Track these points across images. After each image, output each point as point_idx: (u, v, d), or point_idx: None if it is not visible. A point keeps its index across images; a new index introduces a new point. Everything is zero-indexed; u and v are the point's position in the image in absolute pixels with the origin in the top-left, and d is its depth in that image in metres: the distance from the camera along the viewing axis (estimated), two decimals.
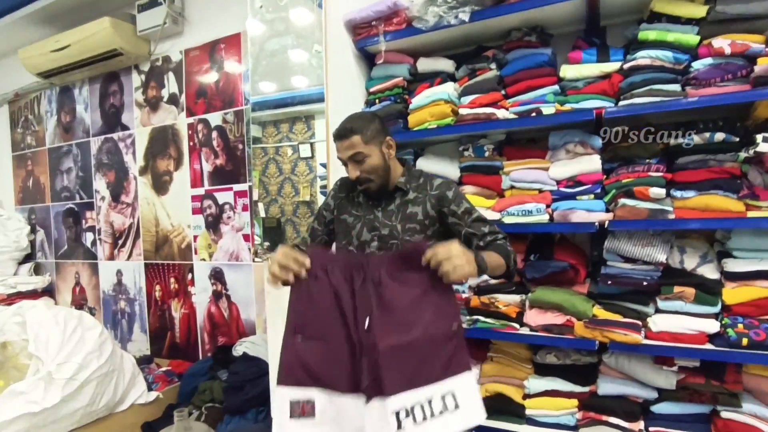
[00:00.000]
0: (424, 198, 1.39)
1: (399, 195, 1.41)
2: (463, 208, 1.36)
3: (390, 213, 1.40)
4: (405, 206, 1.39)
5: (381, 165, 1.36)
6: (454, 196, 1.38)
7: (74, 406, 2.06)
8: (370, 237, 1.41)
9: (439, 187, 1.40)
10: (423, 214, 1.38)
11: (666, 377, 1.60)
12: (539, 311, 1.76)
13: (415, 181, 1.43)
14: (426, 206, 1.38)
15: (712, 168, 1.54)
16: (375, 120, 1.38)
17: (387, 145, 1.38)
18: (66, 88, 3.70)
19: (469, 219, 1.35)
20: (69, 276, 3.82)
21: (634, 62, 1.61)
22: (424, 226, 1.38)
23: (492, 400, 1.84)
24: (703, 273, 1.58)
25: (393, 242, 1.38)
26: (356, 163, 1.34)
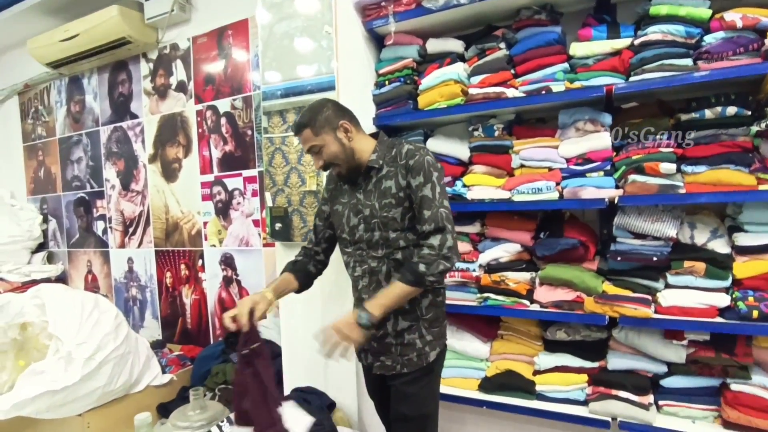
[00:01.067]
0: (396, 170, 1.35)
1: (374, 172, 1.39)
2: (417, 181, 1.31)
3: (369, 193, 1.39)
4: (380, 182, 1.38)
5: (340, 150, 1.36)
6: (414, 165, 1.32)
7: (93, 385, 2.10)
8: (356, 221, 1.42)
9: (406, 155, 1.35)
10: (396, 187, 1.34)
11: (676, 351, 1.62)
12: (549, 288, 1.78)
13: (388, 154, 1.39)
14: (398, 178, 1.34)
15: (723, 142, 1.54)
16: (324, 108, 1.38)
17: (342, 130, 1.37)
18: (75, 78, 3.72)
19: (417, 195, 1.31)
20: (81, 264, 3.87)
21: (645, 37, 1.61)
22: (400, 199, 1.34)
23: (502, 376, 1.87)
24: (713, 248, 1.59)
25: (374, 221, 1.37)
26: (315, 154, 1.38)
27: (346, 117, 1.40)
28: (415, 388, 1.41)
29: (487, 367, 1.93)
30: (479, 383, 1.92)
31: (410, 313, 1.40)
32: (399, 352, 1.41)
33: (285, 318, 2.17)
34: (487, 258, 1.90)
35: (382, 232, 1.38)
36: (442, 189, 1.33)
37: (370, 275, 1.42)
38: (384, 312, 1.27)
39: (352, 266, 1.47)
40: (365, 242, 1.41)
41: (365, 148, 1.41)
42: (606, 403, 1.67)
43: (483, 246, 1.93)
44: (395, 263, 1.38)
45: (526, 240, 1.84)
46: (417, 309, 1.40)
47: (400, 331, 1.41)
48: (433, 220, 1.28)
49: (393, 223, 1.36)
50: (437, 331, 1.45)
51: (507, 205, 1.83)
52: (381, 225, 1.37)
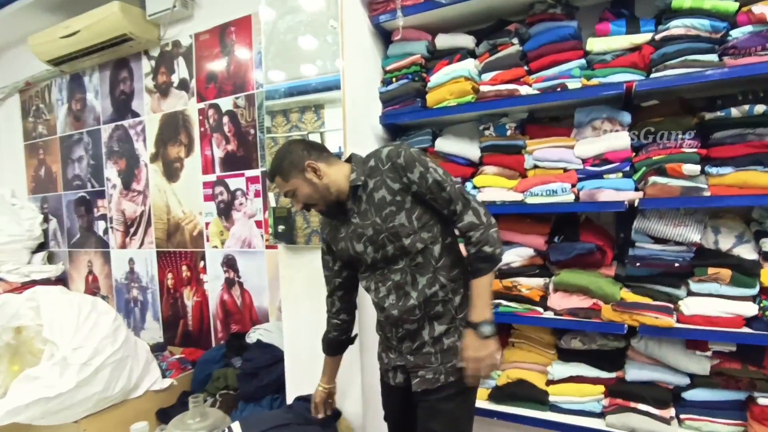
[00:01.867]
0: (382, 177, 1.30)
1: (361, 190, 1.34)
2: (417, 173, 1.26)
3: (364, 213, 1.33)
4: (371, 197, 1.32)
5: (313, 190, 1.33)
6: (406, 162, 1.27)
7: (89, 391, 2.04)
8: (362, 246, 1.36)
9: (388, 158, 1.30)
10: (390, 193, 1.29)
11: (699, 362, 1.54)
12: (564, 295, 1.70)
13: (367, 169, 1.34)
14: (387, 184, 1.30)
15: (751, 142, 1.46)
16: (288, 153, 1.35)
17: (311, 170, 1.33)
18: (76, 75, 3.67)
19: (427, 184, 1.26)
20: (82, 265, 3.82)
21: (667, 32, 1.53)
22: (398, 202, 1.29)
23: (514, 386, 1.80)
24: (739, 254, 1.51)
25: (382, 236, 1.31)
26: (292, 197, 1.37)
27: (312, 155, 1.35)
28: (450, 405, 1.32)
29: (497, 376, 1.86)
30: (489, 393, 1.85)
31: (444, 315, 1.34)
32: (440, 360, 1.33)
33: (288, 322, 2.10)
34: None
35: (395, 244, 1.31)
36: (443, 170, 1.31)
37: (396, 290, 1.34)
38: (490, 308, 1.29)
39: (375, 289, 1.39)
40: (381, 261, 1.35)
41: (340, 177, 1.35)
42: (624, 416, 1.59)
43: None
44: (418, 267, 1.31)
45: (540, 244, 1.77)
46: (451, 309, 1.34)
47: (438, 337, 1.33)
48: (456, 197, 1.28)
49: (403, 229, 1.29)
50: None
51: (519, 207, 1.75)
52: (391, 237, 1.30)
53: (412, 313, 1.32)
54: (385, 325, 1.41)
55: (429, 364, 1.34)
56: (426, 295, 1.31)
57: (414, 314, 1.32)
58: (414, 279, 1.32)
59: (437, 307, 1.32)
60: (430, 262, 1.31)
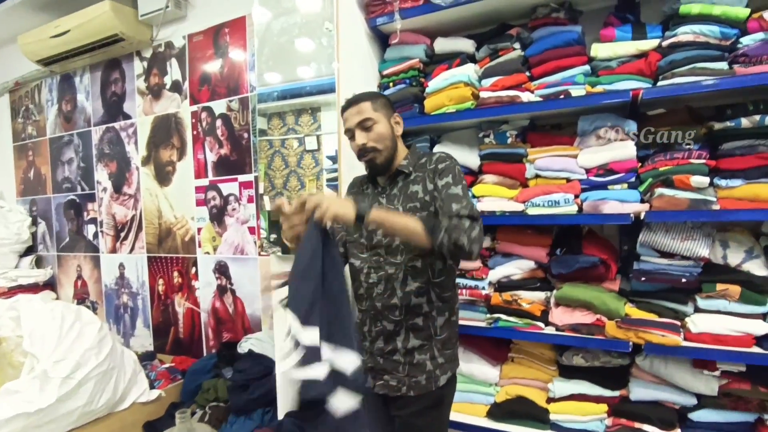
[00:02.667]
0: (424, 175, 1.32)
1: (402, 178, 1.35)
2: (444, 181, 1.26)
3: (393, 197, 1.34)
4: (407, 187, 1.33)
5: (389, 135, 1.32)
6: (443, 169, 1.28)
7: (72, 405, 1.96)
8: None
9: (436, 161, 1.32)
10: (423, 191, 1.30)
11: (707, 382, 1.47)
12: (566, 309, 1.64)
13: (417, 161, 1.36)
14: (426, 182, 1.31)
15: (761, 154, 1.41)
16: (382, 95, 1.38)
17: (395, 120, 1.36)
18: (67, 76, 3.59)
19: (444, 192, 1.23)
20: (71, 269, 3.73)
21: (674, 38, 1.48)
22: (425, 203, 1.29)
23: (513, 403, 1.73)
24: (748, 269, 1.45)
25: None
26: (364, 129, 1.30)
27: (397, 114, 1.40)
28: (423, 420, 1.30)
29: (496, 393, 1.79)
30: (488, 410, 1.78)
31: (423, 330, 1.31)
32: (406, 372, 1.31)
33: (281, 332, 2.03)
34: (497, 275, 1.76)
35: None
36: (471, 200, 1.31)
37: (386, 282, 1.32)
38: (379, 223, 1.14)
39: (366, 272, 1.36)
40: (384, 247, 1.32)
41: (401, 151, 1.38)
42: None
43: (493, 262, 1.79)
44: (413, 270, 1.28)
45: (541, 256, 1.70)
46: (431, 327, 1.31)
47: (411, 350, 1.31)
48: (466, 209, 1.18)
49: None
50: (450, 353, 1.36)
51: (520, 218, 1.69)
52: None
53: (393, 312, 1.30)
54: (366, 319, 1.37)
55: (395, 371, 1.32)
56: (410, 301, 1.29)
57: (394, 314, 1.30)
58: (405, 279, 1.29)
59: (417, 319, 1.30)
60: (427, 272, 1.29)
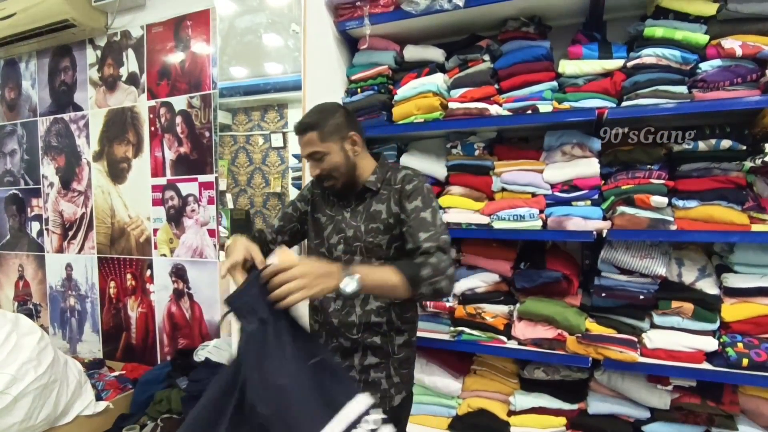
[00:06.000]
0: (389, 194, 1.24)
1: (369, 194, 1.27)
2: (413, 204, 1.18)
3: (357, 213, 1.27)
4: (370, 205, 1.26)
5: (342, 163, 1.23)
6: (411, 191, 1.20)
7: (7, 422, 1.81)
8: (336, 239, 1.29)
9: (401, 180, 1.24)
10: (387, 212, 1.23)
11: (660, 397, 1.52)
12: (528, 324, 1.64)
13: (385, 175, 1.28)
14: (390, 203, 1.23)
15: (716, 177, 1.45)
16: (337, 113, 1.24)
17: (351, 141, 1.24)
18: (11, 61, 3.33)
19: (413, 218, 1.16)
20: (11, 269, 3.47)
21: (638, 60, 1.51)
22: (389, 225, 1.22)
23: (474, 416, 1.73)
24: (701, 287, 1.50)
25: (357, 244, 1.25)
26: (315, 161, 1.23)
27: (356, 128, 1.26)
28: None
29: (458, 405, 1.79)
30: (449, 422, 1.77)
31: (380, 349, 1.26)
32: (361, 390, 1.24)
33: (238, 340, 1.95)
34: (462, 287, 1.75)
35: (364, 258, 1.24)
36: (443, 221, 1.20)
37: (344, 299, 1.25)
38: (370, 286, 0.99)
39: None
40: (345, 264, 1.23)
41: (367, 166, 1.29)
42: None
43: (458, 274, 1.78)
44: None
45: (505, 270, 1.71)
46: (389, 346, 1.26)
47: (367, 367, 1.26)
48: (434, 240, 1.11)
49: (378, 250, 1.23)
50: (406, 373, 1.31)
51: (486, 232, 1.68)
52: (364, 250, 1.24)
53: (350, 330, 1.25)
54: (322, 332, 1.31)
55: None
56: (370, 319, 1.24)
57: (351, 332, 1.25)
58: (366, 297, 1.24)
59: (376, 337, 1.25)
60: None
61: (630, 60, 1.54)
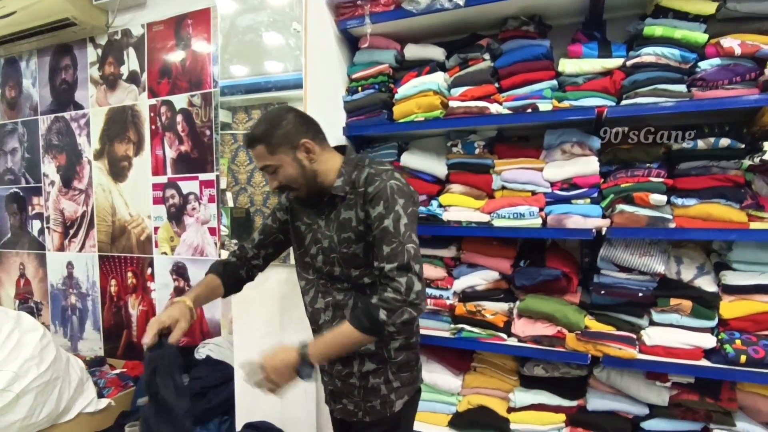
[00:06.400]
0: (356, 198, 1.15)
1: (339, 199, 1.18)
2: (377, 211, 1.10)
3: (330, 222, 1.20)
4: (339, 212, 1.18)
5: (299, 174, 1.15)
6: (374, 195, 1.11)
7: (10, 419, 1.83)
8: (315, 250, 1.24)
9: (364, 182, 1.14)
10: (356, 220, 1.14)
11: (659, 393, 1.53)
12: (528, 321, 1.65)
13: (351, 176, 1.18)
14: (357, 209, 1.14)
15: (715, 175, 1.46)
16: (284, 121, 1.15)
17: (303, 149, 1.15)
18: (12, 59, 3.34)
19: (377, 228, 1.10)
20: (12, 267, 3.48)
21: (638, 59, 1.51)
22: (360, 233, 1.14)
23: (474, 413, 1.74)
24: (700, 285, 1.51)
25: (333, 256, 1.19)
26: (270, 174, 1.17)
27: (309, 133, 1.16)
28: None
29: (458, 402, 1.80)
30: (450, 419, 1.78)
31: (377, 355, 1.22)
32: (362, 396, 1.24)
33: (239, 338, 1.96)
34: (462, 285, 1.76)
35: (342, 269, 1.20)
36: (410, 220, 1.11)
37: (334, 309, 1.23)
38: (327, 357, 1.13)
39: (313, 296, 1.27)
40: (326, 274, 1.23)
41: (330, 168, 1.19)
42: None
43: (458, 272, 1.79)
44: (363, 297, 1.19)
45: (505, 268, 1.72)
46: (384, 351, 1.22)
47: (365, 374, 1.23)
48: (396, 257, 1.06)
49: (354, 259, 1.17)
50: (407, 376, 1.27)
51: (486, 230, 1.69)
52: (342, 261, 1.19)
53: None
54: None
55: (351, 395, 1.26)
56: None
57: None
58: (356, 306, 1.20)
59: (371, 344, 1.20)
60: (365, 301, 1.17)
61: (629, 59, 1.54)
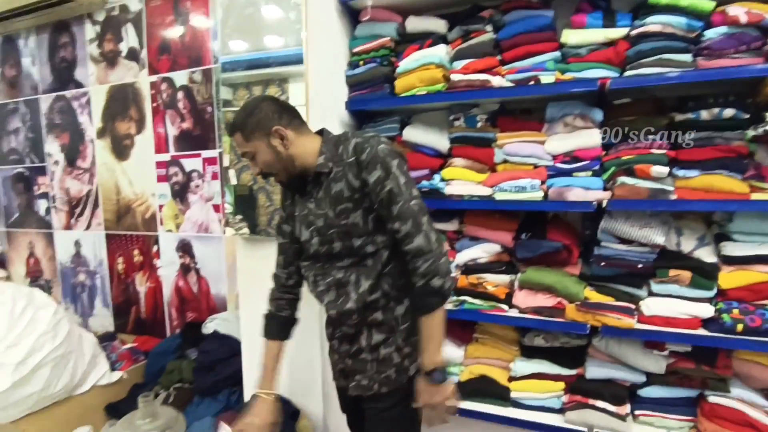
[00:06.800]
0: (344, 169, 1.19)
1: (324, 177, 1.23)
2: (375, 175, 1.15)
3: (321, 201, 1.24)
4: (330, 187, 1.22)
5: (274, 159, 1.21)
6: (368, 160, 1.15)
7: (27, 390, 1.89)
8: (308, 234, 1.27)
9: (354, 150, 1.18)
10: (349, 189, 1.19)
11: (656, 362, 1.56)
12: (529, 293, 1.68)
13: (335, 151, 1.23)
14: (348, 178, 1.19)
15: (718, 146, 1.46)
16: (256, 110, 1.20)
17: (277, 136, 1.20)
18: (9, 38, 3.31)
19: (381, 192, 1.15)
20: (22, 246, 3.54)
21: (643, 28, 1.49)
22: (356, 200, 1.19)
23: (476, 382, 1.78)
24: (700, 256, 1.52)
25: (331, 231, 1.22)
26: (251, 160, 1.24)
27: (282, 120, 1.21)
28: (392, 413, 1.28)
29: (460, 372, 1.84)
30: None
31: (384, 324, 1.26)
32: (375, 369, 1.28)
33: (246, 313, 2.00)
34: (464, 258, 1.78)
35: (344, 242, 1.22)
36: (407, 178, 1.18)
37: (336, 288, 1.26)
38: (440, 350, 1.20)
39: (313, 281, 1.31)
40: (324, 256, 1.26)
41: (308, 150, 1.24)
42: (582, 413, 1.61)
43: (460, 245, 1.81)
44: (364, 269, 1.23)
45: (507, 241, 1.73)
46: (392, 319, 1.27)
47: (375, 345, 1.27)
48: (409, 215, 1.14)
49: (355, 228, 1.20)
50: (416, 340, 1.29)
51: (488, 203, 1.70)
52: (342, 234, 1.21)
53: (350, 317, 1.26)
54: (328, 321, 1.36)
55: (365, 370, 1.29)
56: (365, 301, 1.23)
57: (351, 318, 1.26)
58: (357, 281, 1.23)
59: (376, 314, 1.25)
60: (377, 267, 1.23)
61: (634, 28, 1.52)
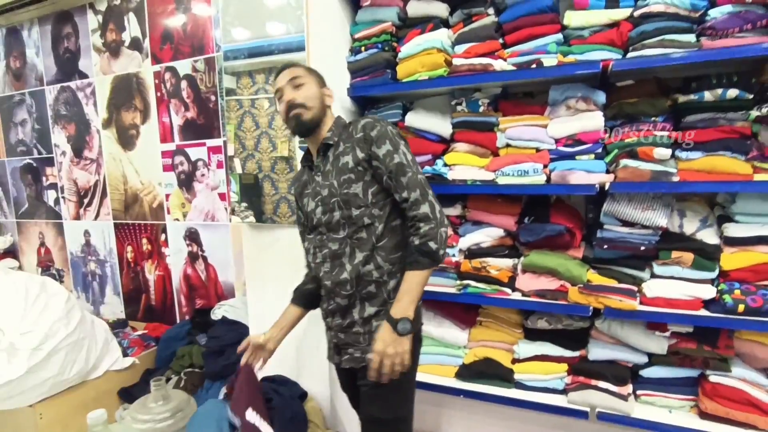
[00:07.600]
0: (352, 144, 1.29)
1: (331, 151, 1.34)
2: (384, 149, 1.24)
3: (327, 173, 1.32)
4: (337, 159, 1.31)
5: (318, 96, 1.33)
6: (377, 136, 1.25)
7: (43, 376, 1.95)
8: (314, 205, 1.34)
9: (363, 128, 1.28)
10: (354, 161, 1.28)
11: (658, 342, 1.58)
12: (532, 276, 1.70)
13: (344, 131, 1.35)
14: (355, 152, 1.28)
15: (721, 127, 1.45)
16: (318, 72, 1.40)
17: (328, 93, 1.38)
18: (13, 29, 3.33)
19: (389, 164, 1.23)
20: (32, 236, 3.60)
21: (646, 8, 1.47)
22: (359, 172, 1.27)
23: (480, 364, 1.81)
24: (702, 238, 1.53)
25: (333, 200, 1.29)
26: (294, 87, 1.32)
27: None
28: (386, 389, 1.29)
29: (464, 355, 1.87)
30: (456, 371, 1.86)
31: (377, 296, 1.30)
32: (368, 341, 1.31)
33: (253, 303, 2.04)
34: (467, 242, 1.80)
35: (343, 211, 1.28)
36: (413, 157, 1.28)
37: (331, 259, 1.32)
38: (414, 306, 1.22)
39: (312, 252, 1.38)
40: (324, 225, 1.32)
41: (327, 123, 1.37)
42: (585, 393, 1.64)
43: (464, 230, 1.82)
44: (359, 242, 1.28)
45: (510, 225, 1.75)
46: (383, 292, 1.30)
47: (368, 318, 1.30)
48: (416, 185, 1.23)
49: (355, 199, 1.27)
50: None
51: (491, 187, 1.71)
52: (342, 203, 1.28)
53: (344, 288, 1.30)
54: (323, 296, 1.39)
55: (357, 343, 1.33)
56: (359, 272, 1.28)
57: (345, 289, 1.30)
58: (352, 252, 1.29)
59: (370, 287, 1.29)
60: (371, 240, 1.28)
61: (637, 9, 1.50)
